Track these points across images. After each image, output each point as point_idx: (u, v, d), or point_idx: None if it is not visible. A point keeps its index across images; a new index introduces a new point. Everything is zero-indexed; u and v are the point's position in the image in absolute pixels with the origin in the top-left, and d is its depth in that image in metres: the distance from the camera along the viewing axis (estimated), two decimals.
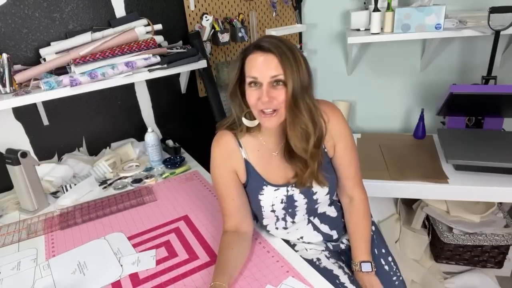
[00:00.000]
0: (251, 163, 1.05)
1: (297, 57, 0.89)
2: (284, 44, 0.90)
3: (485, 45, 1.92)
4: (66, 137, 1.70)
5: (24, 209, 1.40)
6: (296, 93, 0.89)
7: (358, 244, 1.13)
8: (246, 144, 1.05)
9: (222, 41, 1.93)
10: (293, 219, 1.11)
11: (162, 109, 1.95)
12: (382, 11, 1.82)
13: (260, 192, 1.06)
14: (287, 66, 0.87)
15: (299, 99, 0.89)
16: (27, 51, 1.49)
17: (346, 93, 2.38)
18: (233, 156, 1.04)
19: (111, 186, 1.54)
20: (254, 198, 1.08)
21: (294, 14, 2.26)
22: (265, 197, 1.06)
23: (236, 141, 1.04)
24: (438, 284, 1.87)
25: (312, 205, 1.09)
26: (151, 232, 1.22)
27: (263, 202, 1.07)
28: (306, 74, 0.91)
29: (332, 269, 1.10)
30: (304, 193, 1.06)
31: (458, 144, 1.73)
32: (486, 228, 1.81)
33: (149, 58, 1.57)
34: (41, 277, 1.05)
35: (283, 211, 1.08)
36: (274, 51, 0.88)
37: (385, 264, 1.18)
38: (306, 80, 0.91)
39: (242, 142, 1.05)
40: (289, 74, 0.87)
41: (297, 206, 1.08)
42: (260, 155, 1.05)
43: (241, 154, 1.04)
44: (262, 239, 1.14)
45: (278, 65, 0.88)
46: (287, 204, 1.07)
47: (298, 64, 0.89)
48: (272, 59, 0.88)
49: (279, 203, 1.06)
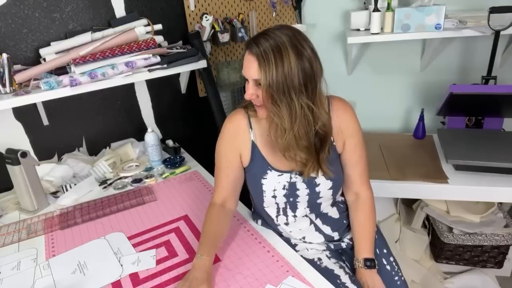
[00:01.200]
0: (258, 146, 1.08)
1: (285, 57, 0.88)
2: (274, 43, 0.89)
3: (485, 45, 1.92)
4: (66, 137, 1.70)
5: (24, 209, 1.40)
6: (273, 93, 0.91)
7: (362, 241, 1.13)
8: (257, 126, 1.08)
9: (222, 41, 1.93)
10: (294, 212, 1.12)
11: (162, 109, 1.95)
12: (382, 11, 1.82)
13: (264, 176, 1.08)
14: (263, 69, 0.89)
15: (277, 98, 0.91)
16: (27, 51, 1.49)
17: (346, 93, 2.34)
18: (241, 136, 1.08)
19: (111, 186, 1.54)
20: (257, 181, 1.10)
21: (294, 14, 2.26)
22: (268, 182, 1.08)
23: (248, 121, 1.09)
24: (438, 284, 1.87)
25: (314, 198, 1.10)
26: (151, 232, 1.22)
27: (265, 187, 1.09)
28: (297, 73, 0.90)
29: (333, 269, 1.10)
30: (307, 183, 1.07)
31: (458, 144, 1.73)
32: (486, 228, 1.81)
33: (149, 58, 1.57)
34: (41, 277, 1.05)
35: (284, 199, 1.10)
36: (255, 54, 0.91)
37: (387, 264, 1.18)
38: (296, 80, 0.90)
39: (253, 123, 1.08)
40: (264, 76, 0.90)
41: (298, 195, 1.09)
42: (268, 139, 1.06)
43: (250, 135, 1.08)
44: (262, 238, 1.14)
45: (257, 69, 0.91)
46: (289, 191, 1.08)
47: (284, 65, 0.88)
48: (253, 62, 0.92)
49: (281, 189, 1.08)
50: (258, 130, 1.09)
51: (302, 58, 0.90)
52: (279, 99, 0.91)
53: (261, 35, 0.92)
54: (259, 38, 0.92)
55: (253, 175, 1.11)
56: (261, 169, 1.09)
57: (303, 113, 0.93)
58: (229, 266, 1.04)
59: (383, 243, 1.23)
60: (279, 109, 0.92)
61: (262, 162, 1.08)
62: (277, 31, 0.92)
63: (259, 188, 1.10)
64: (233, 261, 1.06)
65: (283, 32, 0.91)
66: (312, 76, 0.93)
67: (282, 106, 0.92)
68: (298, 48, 0.90)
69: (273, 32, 0.91)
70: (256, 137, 1.09)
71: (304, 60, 0.91)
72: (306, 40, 0.94)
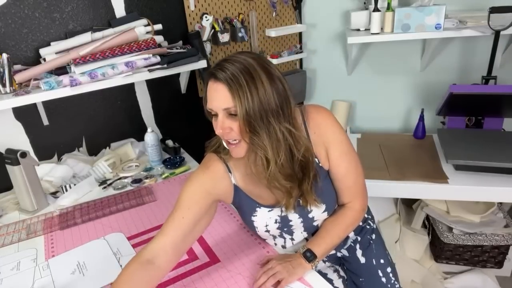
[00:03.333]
0: (241, 188, 0.99)
1: (257, 79, 0.80)
2: (241, 65, 0.81)
3: (485, 45, 1.91)
4: (66, 137, 1.70)
5: (23, 209, 1.40)
6: (251, 120, 0.81)
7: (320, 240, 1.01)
8: (235, 168, 0.98)
9: (222, 41, 1.93)
10: (292, 236, 1.06)
11: (162, 109, 1.95)
12: (382, 11, 1.82)
13: (253, 214, 1.01)
14: (237, 95, 0.79)
15: (256, 125, 0.82)
16: (27, 51, 1.49)
17: (346, 93, 2.38)
18: (220, 183, 0.97)
19: (111, 186, 1.54)
20: (248, 219, 1.03)
21: (294, 14, 2.26)
22: (259, 219, 1.01)
23: (224, 166, 0.97)
24: (438, 284, 1.87)
25: (309, 223, 1.03)
26: (151, 232, 1.22)
27: (257, 223, 1.02)
28: (273, 96, 0.82)
29: (327, 272, 1.09)
30: (299, 212, 1.00)
31: (458, 144, 1.73)
32: (486, 228, 1.81)
33: (149, 58, 1.57)
34: (41, 277, 1.05)
35: (278, 231, 1.04)
36: (223, 80, 0.80)
37: (383, 276, 1.13)
38: (272, 103, 0.82)
39: (231, 166, 0.98)
40: (239, 103, 0.79)
41: (292, 225, 1.02)
42: (249, 177, 0.98)
43: (231, 180, 0.98)
44: (262, 239, 1.14)
45: (228, 96, 0.80)
46: (281, 224, 1.02)
47: (257, 87, 0.80)
48: (222, 89, 0.81)
49: (273, 223, 1.01)
50: (238, 172, 0.98)
51: (273, 78, 0.83)
52: (258, 126, 0.81)
53: (223, 61, 0.83)
54: (222, 63, 0.83)
55: (243, 212, 1.04)
56: (250, 207, 1.01)
57: (283, 137, 0.85)
58: (228, 267, 1.04)
59: (381, 252, 1.16)
60: (259, 138, 0.83)
61: (249, 201, 1.00)
62: (239, 55, 0.84)
63: (250, 225, 1.04)
64: (233, 262, 1.06)
65: (247, 56, 0.84)
66: (286, 97, 0.85)
67: (261, 134, 0.82)
68: (267, 69, 0.83)
69: (236, 57, 0.83)
70: (237, 178, 0.98)
71: (276, 80, 0.83)
72: (270, 61, 0.88)
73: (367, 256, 1.13)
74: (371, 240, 1.16)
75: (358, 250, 1.14)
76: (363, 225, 1.17)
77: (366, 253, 1.13)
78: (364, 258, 1.13)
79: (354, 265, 1.13)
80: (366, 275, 1.12)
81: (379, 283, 1.13)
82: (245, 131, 0.83)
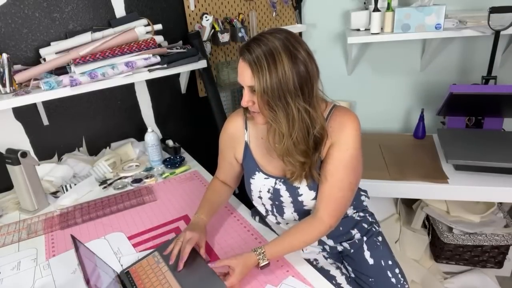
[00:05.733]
0: (250, 147, 1.11)
1: (278, 62, 0.87)
2: (266, 48, 0.88)
3: (485, 45, 1.92)
4: (66, 137, 1.70)
5: (24, 209, 1.40)
6: (268, 98, 0.90)
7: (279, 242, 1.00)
8: (252, 128, 1.11)
9: (222, 41, 1.93)
10: (282, 216, 1.12)
11: (162, 109, 1.95)
12: (382, 11, 1.82)
13: (252, 176, 1.11)
14: (257, 76, 0.89)
15: (273, 103, 0.90)
16: (27, 51, 1.49)
17: (346, 93, 2.38)
18: (236, 137, 1.13)
19: (111, 186, 1.54)
20: (247, 180, 1.14)
21: (294, 14, 2.26)
22: (255, 182, 1.11)
23: (244, 122, 1.12)
24: (438, 284, 1.87)
25: (299, 206, 1.07)
26: (151, 232, 1.22)
27: (253, 186, 1.12)
28: (292, 77, 0.88)
29: (329, 269, 1.10)
30: (289, 191, 1.06)
31: (458, 144, 1.73)
32: (486, 228, 1.81)
33: (149, 58, 1.57)
34: (41, 277, 1.05)
35: (269, 201, 1.11)
36: (248, 61, 0.90)
37: (392, 276, 1.15)
38: (291, 84, 0.88)
39: (249, 125, 1.11)
40: (258, 82, 0.89)
41: (283, 201, 1.09)
42: (262, 142, 1.09)
43: (244, 136, 1.12)
44: (262, 238, 1.14)
45: (250, 75, 0.90)
46: (273, 195, 1.09)
47: (277, 69, 0.87)
48: (247, 68, 0.91)
49: (266, 191, 1.09)
50: (253, 132, 1.11)
51: (296, 61, 0.88)
52: (275, 105, 0.90)
53: (253, 41, 0.91)
54: (251, 44, 0.90)
55: (246, 173, 1.15)
56: (251, 169, 1.11)
57: (300, 117, 0.91)
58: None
59: (388, 254, 1.18)
60: (276, 115, 0.91)
61: (252, 163, 1.11)
62: (269, 35, 0.90)
63: (248, 188, 1.15)
64: None
65: (276, 36, 0.89)
66: (308, 79, 0.91)
67: (278, 111, 0.91)
68: (291, 51, 0.88)
69: (265, 37, 0.90)
70: (250, 138, 1.11)
71: (299, 63, 0.89)
72: (300, 42, 0.92)
73: (375, 257, 1.15)
74: (378, 242, 1.18)
75: (366, 251, 1.16)
76: (368, 228, 1.19)
77: (374, 254, 1.15)
78: (372, 260, 1.15)
79: (362, 266, 1.15)
80: (375, 275, 1.14)
81: (389, 283, 1.14)
82: (263, 107, 0.93)
